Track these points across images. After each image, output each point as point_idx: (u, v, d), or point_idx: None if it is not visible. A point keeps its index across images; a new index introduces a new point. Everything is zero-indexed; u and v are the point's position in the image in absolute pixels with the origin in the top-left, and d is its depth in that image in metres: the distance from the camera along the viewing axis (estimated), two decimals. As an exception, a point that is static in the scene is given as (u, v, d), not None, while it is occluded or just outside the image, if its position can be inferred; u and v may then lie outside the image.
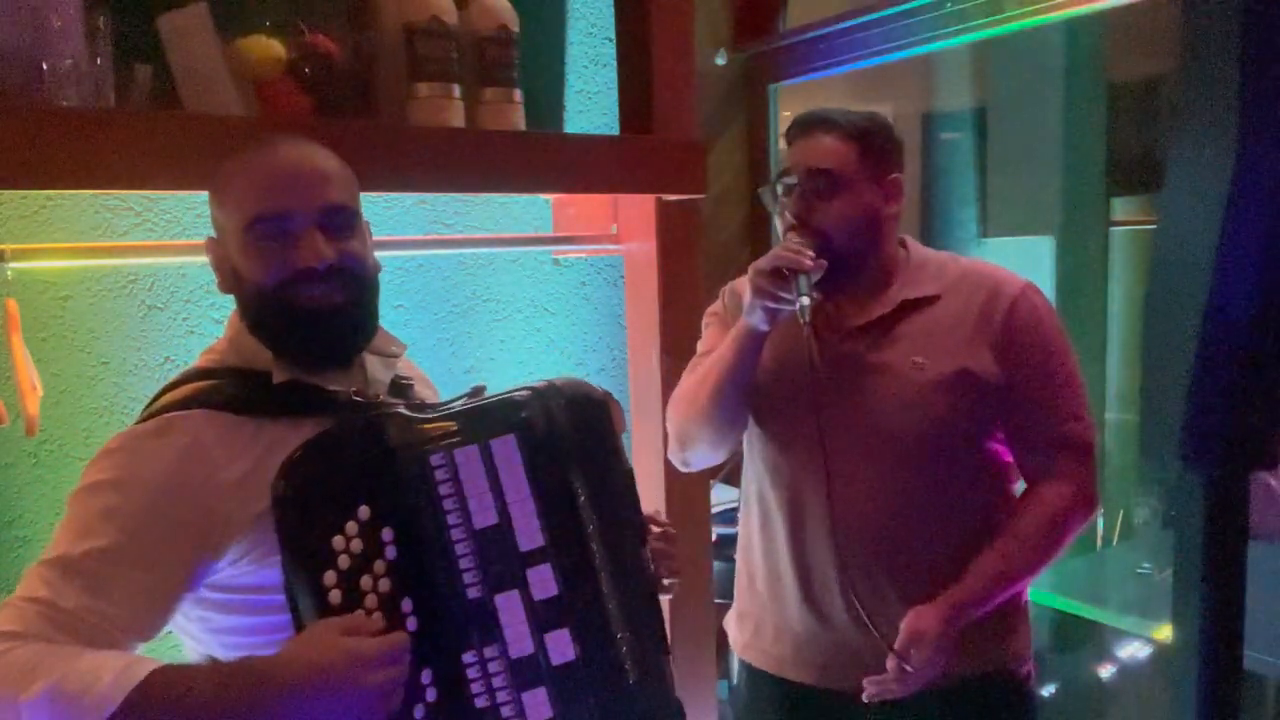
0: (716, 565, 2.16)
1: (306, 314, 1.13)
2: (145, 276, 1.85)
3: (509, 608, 1.11)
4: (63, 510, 1.07)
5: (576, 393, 1.21)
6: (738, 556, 1.70)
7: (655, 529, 1.28)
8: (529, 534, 1.14)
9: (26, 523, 1.75)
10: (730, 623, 1.72)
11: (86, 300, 1.80)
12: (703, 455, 1.63)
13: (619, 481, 1.21)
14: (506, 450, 1.14)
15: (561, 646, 1.13)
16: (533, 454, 1.15)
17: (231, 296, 1.19)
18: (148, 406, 1.16)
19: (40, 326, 1.74)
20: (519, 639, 1.11)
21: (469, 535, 1.11)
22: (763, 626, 1.62)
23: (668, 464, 1.94)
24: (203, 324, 1.90)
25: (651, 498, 2.03)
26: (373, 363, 1.24)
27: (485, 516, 1.12)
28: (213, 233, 1.20)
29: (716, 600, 2.10)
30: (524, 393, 1.19)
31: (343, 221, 1.15)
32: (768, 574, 1.60)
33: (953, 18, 2.29)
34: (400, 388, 1.26)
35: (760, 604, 1.62)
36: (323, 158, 1.17)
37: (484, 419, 1.16)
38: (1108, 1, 2.07)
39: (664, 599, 1.27)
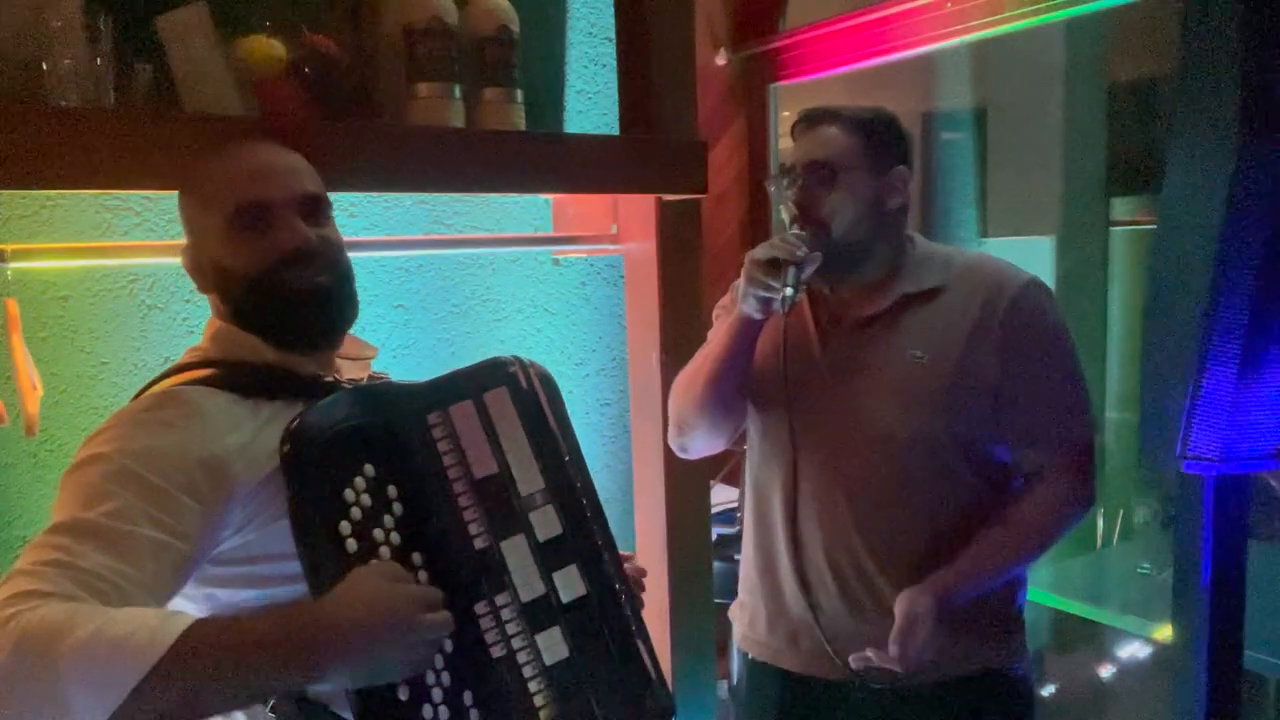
0: (716, 565, 2.16)
1: (298, 295, 1.17)
2: (145, 276, 1.85)
3: (516, 553, 1.14)
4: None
5: (542, 368, 1.28)
6: (743, 547, 1.71)
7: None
8: (528, 479, 1.18)
9: (26, 523, 1.75)
10: (734, 612, 1.72)
11: (86, 300, 1.80)
12: (700, 442, 1.63)
13: (579, 453, 1.26)
14: (500, 402, 1.19)
15: (571, 582, 1.16)
16: (523, 405, 1.20)
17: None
18: (135, 397, 1.16)
19: (40, 326, 1.74)
20: (529, 582, 1.13)
21: (470, 487, 1.14)
22: (758, 617, 1.63)
23: (668, 464, 1.94)
24: (202, 324, 1.89)
25: (652, 498, 2.03)
26: (348, 367, 1.28)
27: (485, 466, 1.16)
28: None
29: (716, 600, 2.10)
30: (504, 357, 1.25)
31: (319, 209, 1.21)
32: (765, 563, 1.61)
33: (953, 18, 2.29)
34: (378, 381, 1.29)
35: (757, 594, 1.63)
36: (291, 155, 1.23)
37: (474, 377, 1.21)
38: (1108, 1, 2.07)
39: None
